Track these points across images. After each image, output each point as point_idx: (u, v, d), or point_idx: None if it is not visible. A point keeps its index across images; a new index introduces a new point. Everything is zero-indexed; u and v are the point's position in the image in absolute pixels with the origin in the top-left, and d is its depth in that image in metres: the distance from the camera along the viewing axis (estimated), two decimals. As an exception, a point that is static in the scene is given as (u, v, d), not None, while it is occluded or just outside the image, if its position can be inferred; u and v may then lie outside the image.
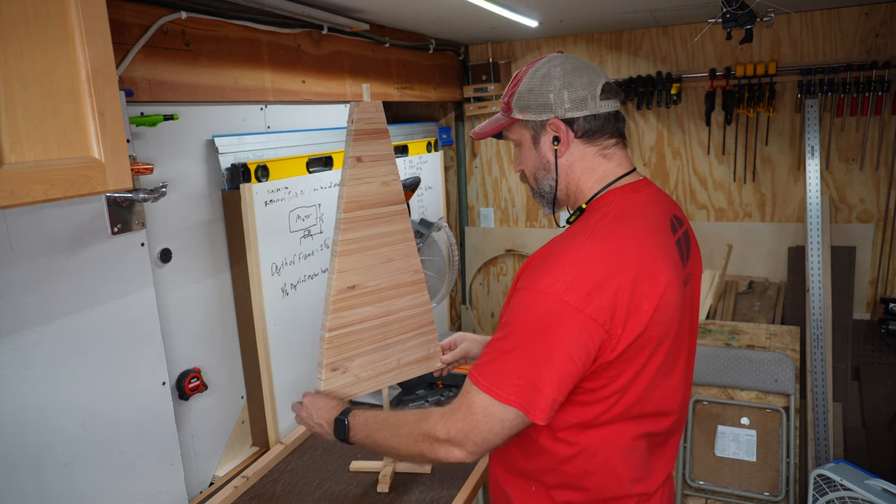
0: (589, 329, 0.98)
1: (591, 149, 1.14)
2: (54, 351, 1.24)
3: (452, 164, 3.44)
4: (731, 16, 1.90)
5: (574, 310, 0.97)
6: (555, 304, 0.98)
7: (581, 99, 1.10)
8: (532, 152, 1.17)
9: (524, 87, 1.14)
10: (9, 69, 0.81)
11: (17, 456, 1.18)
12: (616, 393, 1.06)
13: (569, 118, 1.11)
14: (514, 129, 1.19)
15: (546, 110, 1.12)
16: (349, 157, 1.42)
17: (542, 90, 1.12)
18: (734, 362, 2.63)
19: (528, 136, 1.16)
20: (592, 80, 1.12)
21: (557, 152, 1.13)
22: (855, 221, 2.77)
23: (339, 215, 1.42)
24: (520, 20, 2.47)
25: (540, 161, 1.16)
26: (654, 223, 1.12)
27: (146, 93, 1.43)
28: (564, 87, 1.10)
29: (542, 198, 1.20)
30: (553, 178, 1.15)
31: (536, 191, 1.21)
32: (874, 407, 2.71)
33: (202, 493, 1.65)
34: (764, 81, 2.73)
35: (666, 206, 1.20)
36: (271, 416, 1.79)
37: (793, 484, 2.48)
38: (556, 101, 1.10)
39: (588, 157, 1.14)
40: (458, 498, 1.52)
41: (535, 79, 1.13)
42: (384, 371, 1.52)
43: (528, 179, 1.22)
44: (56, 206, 1.24)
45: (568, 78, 1.11)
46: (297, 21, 1.92)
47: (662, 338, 1.07)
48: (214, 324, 1.70)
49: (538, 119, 1.13)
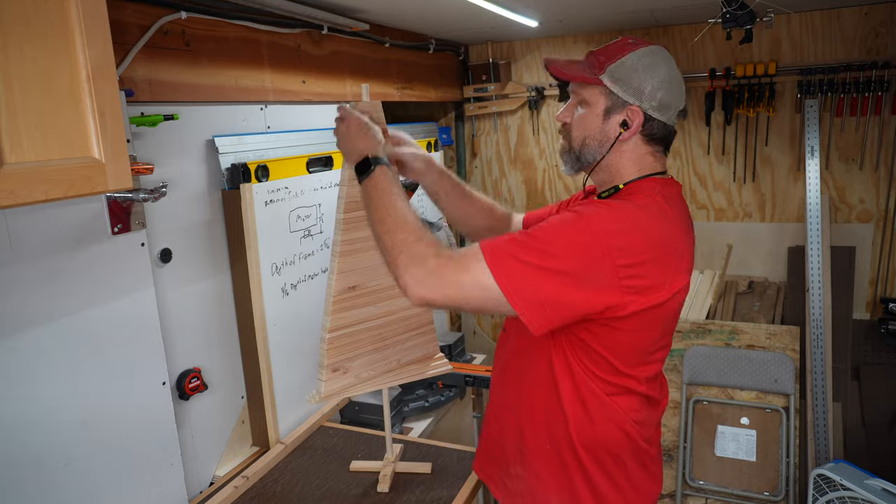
0: (608, 278, 1.02)
1: (646, 148, 1.18)
2: (54, 351, 1.24)
3: (452, 164, 3.44)
4: (731, 16, 1.90)
5: (603, 255, 1.02)
6: (590, 238, 1.02)
7: (667, 105, 1.15)
8: (597, 120, 1.17)
9: (628, 62, 1.13)
10: (9, 69, 0.81)
11: (18, 456, 1.18)
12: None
13: (649, 115, 1.15)
14: (589, 90, 1.17)
15: (636, 95, 1.13)
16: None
17: (642, 76, 1.13)
18: (734, 362, 2.63)
19: (602, 105, 1.16)
20: (681, 95, 1.18)
21: (620, 135, 1.15)
22: (855, 221, 2.78)
23: (340, 216, 1.42)
24: (520, 20, 2.47)
25: (599, 132, 1.17)
26: (688, 218, 1.21)
27: (146, 93, 1.43)
28: (661, 87, 1.14)
29: (578, 161, 1.21)
30: (601, 154, 1.18)
31: (575, 152, 1.21)
32: (874, 407, 2.71)
33: (202, 493, 1.65)
34: (764, 81, 2.73)
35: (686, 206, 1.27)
36: (271, 416, 1.78)
37: (793, 484, 2.48)
38: (649, 93, 1.13)
39: (639, 152, 1.18)
40: (458, 498, 1.52)
41: (642, 62, 1.14)
42: (385, 371, 1.52)
43: (570, 137, 1.22)
44: (56, 206, 1.24)
45: (668, 80, 1.15)
46: (297, 21, 1.92)
47: (670, 326, 1.17)
48: (214, 324, 1.70)
49: (623, 98, 1.14)
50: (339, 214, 1.42)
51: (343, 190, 1.41)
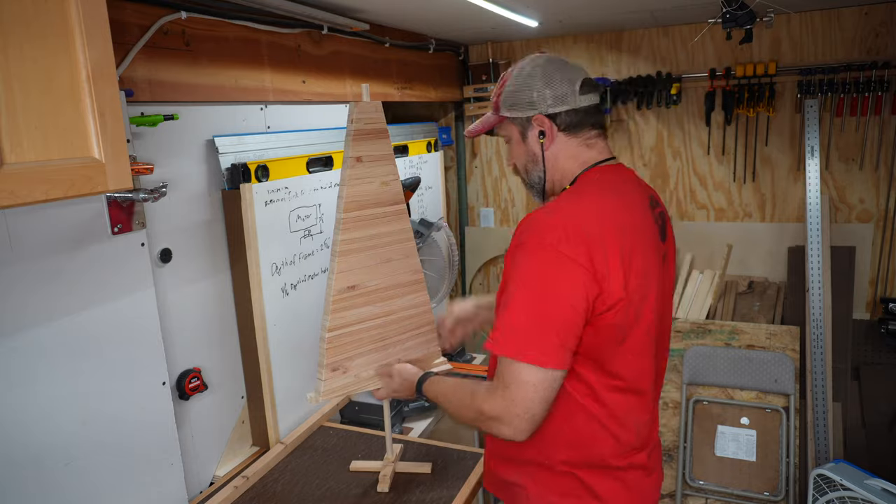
0: (583, 277, 1.06)
1: (574, 140, 1.22)
2: (54, 351, 1.24)
3: (452, 164, 3.44)
4: (731, 16, 1.90)
5: (569, 259, 1.05)
6: (552, 255, 1.05)
7: (562, 95, 1.19)
8: (521, 147, 1.26)
9: (510, 87, 1.23)
10: (9, 69, 0.81)
11: (18, 456, 1.18)
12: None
13: (551, 113, 1.20)
14: (503, 127, 1.28)
15: (531, 107, 1.21)
16: (349, 157, 1.42)
17: (526, 89, 1.21)
18: (734, 362, 2.63)
19: (516, 132, 1.25)
20: (572, 77, 1.20)
21: (543, 145, 1.22)
22: (855, 221, 2.78)
23: (339, 215, 1.42)
24: (520, 20, 2.47)
25: (529, 154, 1.25)
26: (632, 196, 1.22)
27: (146, 93, 1.43)
28: (546, 86, 1.19)
29: (533, 188, 1.29)
30: (541, 169, 1.24)
31: (527, 182, 1.29)
32: (874, 407, 2.71)
33: (202, 493, 1.65)
34: (764, 81, 2.73)
35: (644, 187, 1.29)
36: (271, 416, 1.78)
37: (792, 484, 2.48)
38: (538, 98, 1.20)
39: (572, 148, 1.23)
40: (458, 498, 1.52)
41: (520, 78, 1.22)
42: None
43: (519, 172, 1.31)
44: (56, 206, 1.24)
45: (549, 76, 1.20)
46: (297, 21, 1.92)
47: (639, 304, 1.14)
48: (214, 324, 1.70)
49: (524, 116, 1.22)
50: (339, 214, 1.42)
51: (343, 190, 1.41)
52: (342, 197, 1.42)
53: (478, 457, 1.70)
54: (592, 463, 1.19)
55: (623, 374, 1.17)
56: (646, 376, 1.23)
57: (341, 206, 1.42)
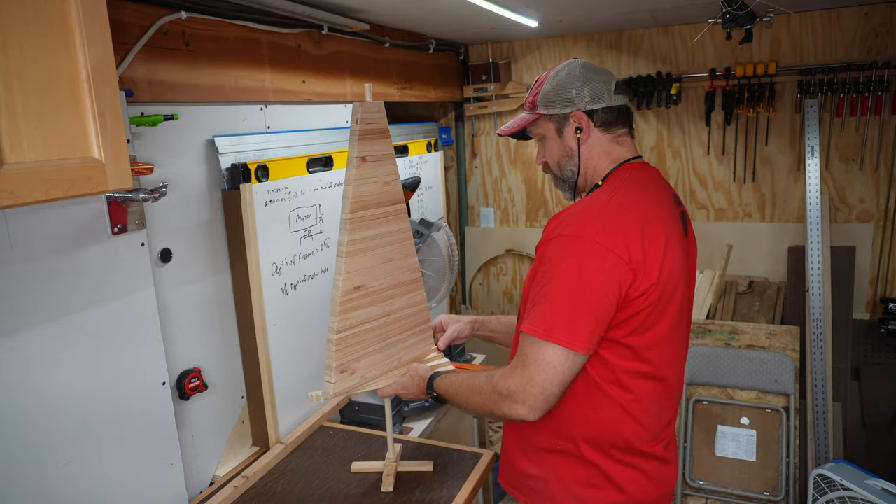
0: (618, 267, 1.12)
1: (607, 136, 1.31)
2: (54, 351, 1.24)
3: (452, 164, 3.44)
4: (731, 16, 1.90)
5: (605, 249, 1.12)
6: (588, 246, 1.12)
7: (599, 94, 1.28)
8: (557, 142, 1.33)
9: (548, 87, 1.31)
10: (9, 69, 0.81)
11: (18, 456, 1.18)
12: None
13: (589, 110, 1.28)
14: (539, 125, 1.35)
15: (569, 104, 1.29)
16: (354, 156, 1.41)
17: (565, 88, 1.29)
18: (734, 362, 2.63)
19: (552, 129, 1.33)
20: (607, 78, 1.30)
21: (580, 140, 1.30)
22: (855, 221, 2.78)
23: (345, 216, 1.41)
24: (520, 20, 2.47)
25: (564, 149, 1.32)
26: (660, 192, 1.30)
27: (146, 93, 1.43)
28: (584, 84, 1.28)
29: (565, 182, 1.36)
30: (576, 164, 1.31)
31: (560, 177, 1.36)
32: (874, 407, 2.71)
33: (202, 493, 1.65)
34: (764, 81, 2.73)
35: (668, 186, 1.37)
36: (271, 416, 1.78)
37: (792, 484, 2.48)
38: (577, 96, 1.28)
39: (605, 144, 1.31)
40: (458, 498, 1.52)
41: (558, 79, 1.30)
42: (387, 370, 1.53)
43: (551, 169, 1.38)
44: (56, 206, 1.24)
45: (587, 76, 1.29)
46: (297, 21, 1.92)
47: (671, 294, 1.20)
48: (214, 324, 1.70)
49: (562, 112, 1.30)
50: (344, 215, 1.41)
51: (349, 190, 1.40)
52: (348, 197, 1.41)
53: (478, 457, 1.70)
54: (617, 446, 1.23)
55: (650, 359, 1.21)
56: (670, 364, 1.27)
57: (347, 206, 1.41)
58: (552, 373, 1.11)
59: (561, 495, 1.26)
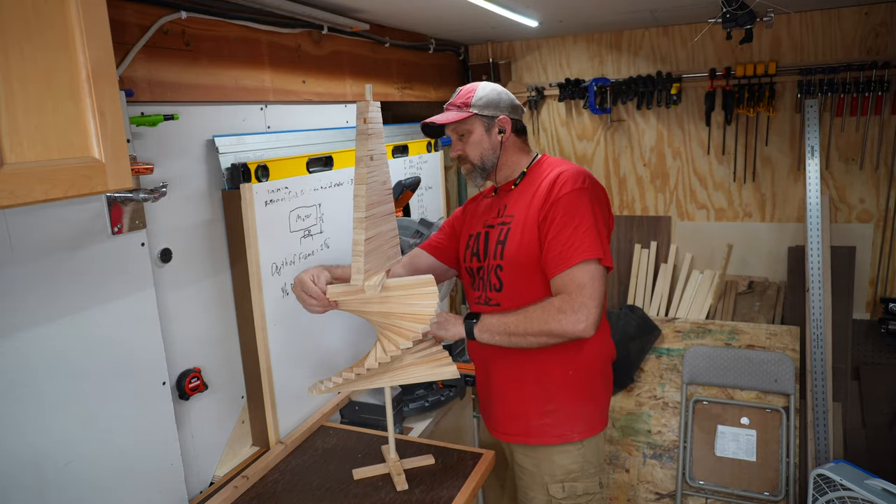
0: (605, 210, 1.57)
1: (518, 140, 1.70)
2: (54, 351, 1.24)
3: (452, 164, 3.44)
4: (731, 16, 1.91)
5: (597, 196, 1.55)
6: (589, 194, 1.52)
7: (517, 108, 1.69)
8: (484, 138, 1.65)
9: (480, 94, 1.63)
10: (9, 69, 0.81)
11: (18, 455, 1.18)
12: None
13: (511, 118, 1.66)
14: (468, 122, 1.64)
15: (498, 110, 1.64)
16: (364, 155, 1.40)
17: (495, 98, 1.64)
18: (734, 362, 2.64)
19: (481, 127, 1.64)
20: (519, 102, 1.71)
21: (503, 139, 1.65)
22: (855, 221, 2.78)
23: (361, 215, 1.40)
24: (520, 20, 2.47)
25: (490, 145, 1.65)
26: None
27: (146, 93, 1.43)
28: (510, 100, 1.67)
29: (483, 170, 1.67)
30: (496, 157, 1.66)
31: (478, 167, 1.66)
32: (874, 407, 2.71)
33: (202, 493, 1.64)
34: (764, 81, 2.73)
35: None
36: (271, 416, 1.78)
37: (793, 484, 2.48)
38: (504, 106, 1.65)
39: (517, 146, 1.70)
40: (458, 498, 1.52)
41: (487, 90, 1.65)
42: (390, 371, 1.53)
43: (469, 160, 1.66)
44: (56, 206, 1.24)
45: (509, 95, 1.68)
46: (298, 21, 1.92)
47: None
48: (214, 324, 1.70)
49: (492, 115, 1.63)
50: (358, 214, 1.40)
51: (362, 188, 1.39)
52: (362, 196, 1.39)
53: (478, 457, 1.70)
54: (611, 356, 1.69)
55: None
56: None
57: (362, 204, 1.40)
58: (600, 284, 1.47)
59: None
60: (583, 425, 1.62)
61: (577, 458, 1.62)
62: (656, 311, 3.03)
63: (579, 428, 1.61)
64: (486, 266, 1.65)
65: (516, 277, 1.58)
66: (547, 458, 1.62)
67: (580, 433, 1.61)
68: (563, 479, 1.62)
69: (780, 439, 2.53)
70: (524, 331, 1.48)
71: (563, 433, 1.61)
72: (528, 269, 1.56)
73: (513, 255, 1.57)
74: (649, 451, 2.73)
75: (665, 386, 2.78)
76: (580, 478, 1.63)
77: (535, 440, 1.63)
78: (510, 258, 1.58)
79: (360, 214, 1.40)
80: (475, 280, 1.71)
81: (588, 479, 1.63)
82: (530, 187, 1.62)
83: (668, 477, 2.67)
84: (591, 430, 1.63)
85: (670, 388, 2.76)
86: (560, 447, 1.61)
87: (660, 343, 2.84)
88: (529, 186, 1.62)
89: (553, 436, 1.61)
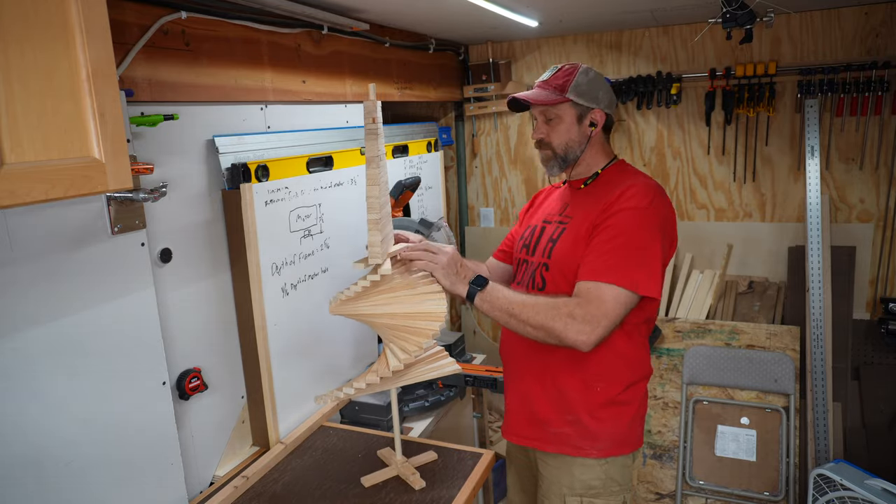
0: (669, 235, 1.49)
1: (604, 137, 1.62)
2: (54, 351, 1.24)
3: (452, 164, 3.44)
4: (731, 16, 1.90)
5: (662, 219, 1.46)
6: (652, 215, 1.44)
7: (613, 103, 1.60)
8: (573, 128, 1.56)
9: (581, 80, 1.53)
10: (9, 69, 0.81)
11: (18, 455, 1.18)
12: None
13: (606, 113, 1.57)
14: (560, 107, 1.55)
15: (595, 102, 1.55)
16: (374, 155, 1.39)
17: (594, 87, 1.54)
18: (734, 362, 2.63)
19: (573, 116, 1.55)
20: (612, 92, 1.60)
21: (591, 133, 1.57)
22: (855, 221, 2.78)
23: (375, 216, 1.38)
24: (520, 20, 2.47)
25: (576, 135, 1.57)
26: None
27: (146, 93, 1.43)
28: (608, 93, 1.57)
29: (564, 161, 1.59)
30: (581, 150, 1.58)
31: (561, 156, 1.58)
32: (874, 407, 2.71)
33: (202, 493, 1.65)
34: (764, 81, 2.73)
35: None
36: (271, 416, 1.78)
37: (793, 484, 2.48)
38: (602, 98, 1.56)
39: (602, 143, 1.61)
40: (458, 498, 1.52)
41: (588, 77, 1.54)
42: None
43: (552, 147, 1.58)
44: (56, 206, 1.24)
45: (607, 86, 1.58)
46: (298, 21, 1.92)
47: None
48: (214, 324, 1.70)
49: (588, 105, 1.54)
50: (372, 215, 1.39)
51: (375, 190, 1.38)
52: (376, 197, 1.38)
53: (478, 457, 1.70)
54: (646, 377, 1.61)
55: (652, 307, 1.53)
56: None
57: (376, 206, 1.38)
58: (622, 310, 1.41)
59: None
60: (607, 443, 1.54)
61: (600, 474, 1.55)
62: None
63: (601, 445, 1.54)
64: (531, 262, 1.61)
65: (561, 281, 1.52)
66: (567, 471, 1.57)
67: (601, 451, 1.54)
68: (583, 494, 1.56)
69: (780, 439, 2.53)
70: (526, 319, 1.42)
71: (581, 446, 1.54)
72: (574, 275, 1.48)
73: (561, 258, 1.52)
74: (649, 450, 2.73)
75: (665, 386, 2.78)
76: (601, 495, 1.55)
77: (554, 448, 1.57)
78: (557, 259, 1.53)
79: (375, 216, 1.38)
80: (520, 273, 1.67)
81: (610, 497, 1.56)
82: (598, 191, 1.54)
83: (668, 477, 2.67)
84: (617, 449, 1.55)
85: (670, 388, 2.76)
86: (581, 461, 1.55)
87: (660, 343, 2.84)
88: (598, 190, 1.55)
89: (571, 446, 1.55)
